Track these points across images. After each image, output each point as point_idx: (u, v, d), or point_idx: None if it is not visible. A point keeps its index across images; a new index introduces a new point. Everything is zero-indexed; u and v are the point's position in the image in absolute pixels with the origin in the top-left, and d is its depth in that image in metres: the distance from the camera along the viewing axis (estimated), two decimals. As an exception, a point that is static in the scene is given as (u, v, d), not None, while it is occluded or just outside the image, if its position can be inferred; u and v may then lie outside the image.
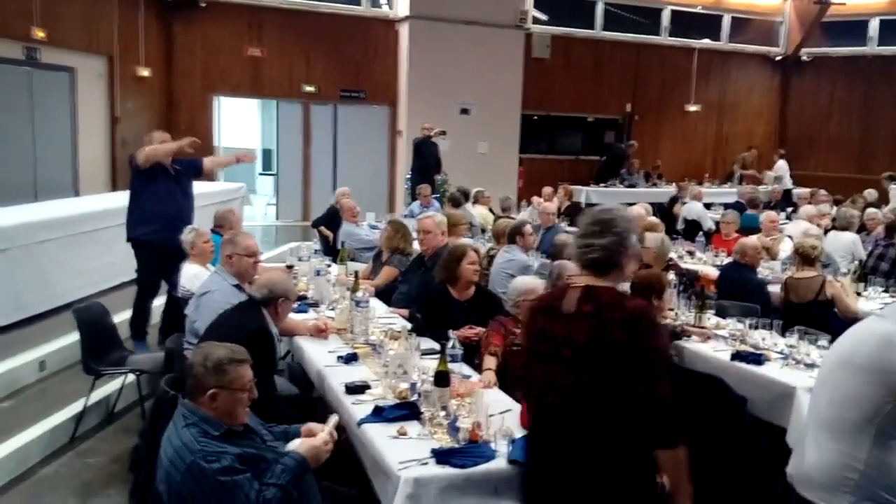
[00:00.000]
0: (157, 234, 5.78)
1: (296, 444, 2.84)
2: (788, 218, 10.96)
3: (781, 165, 15.33)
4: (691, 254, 7.96)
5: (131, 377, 5.12)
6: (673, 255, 7.04)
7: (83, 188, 11.01)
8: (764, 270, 7.00)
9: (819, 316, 5.33)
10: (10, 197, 8.11)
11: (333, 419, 3.02)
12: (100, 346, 4.98)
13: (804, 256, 5.73)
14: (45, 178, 10.32)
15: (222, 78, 13.82)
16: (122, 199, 8.85)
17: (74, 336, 5.10)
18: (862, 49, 16.88)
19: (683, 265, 7.00)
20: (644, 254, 6.07)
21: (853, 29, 16.96)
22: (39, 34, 9.82)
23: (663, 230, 7.33)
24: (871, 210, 9.36)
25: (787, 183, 14.92)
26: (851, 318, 4.88)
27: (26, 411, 4.97)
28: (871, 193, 12.20)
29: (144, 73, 12.44)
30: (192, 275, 5.20)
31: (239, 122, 17.25)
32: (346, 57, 14.30)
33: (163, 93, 13.38)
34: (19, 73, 10.05)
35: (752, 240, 6.53)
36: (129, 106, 12.20)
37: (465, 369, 3.93)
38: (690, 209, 11.46)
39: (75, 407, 5.00)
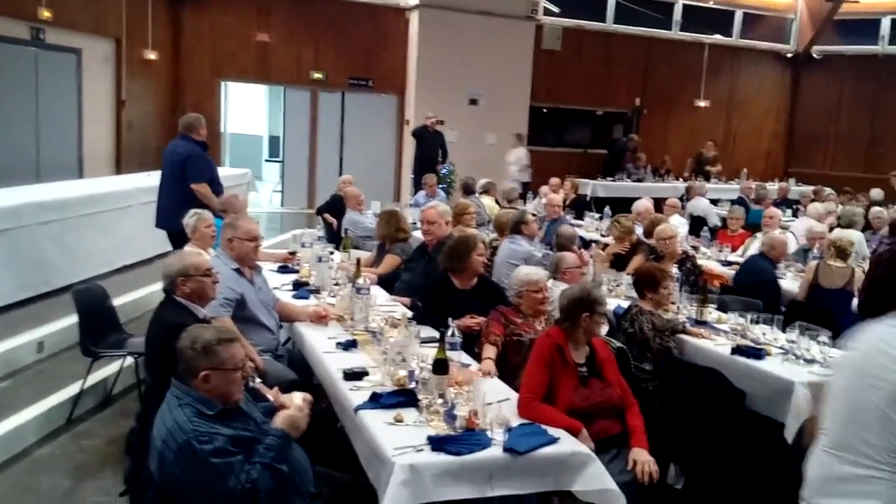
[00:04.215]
0: None
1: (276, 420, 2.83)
2: (795, 215, 10.91)
3: None
4: (696, 249, 7.93)
5: (129, 360, 5.10)
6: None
7: (87, 170, 11.00)
8: (766, 266, 7.00)
9: (841, 303, 5.71)
10: (13, 178, 8.10)
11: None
12: (99, 329, 4.96)
13: (840, 250, 6.05)
14: (49, 160, 10.30)
15: (230, 63, 13.78)
16: (126, 182, 8.93)
17: (73, 318, 5.08)
18: (873, 48, 16.74)
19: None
20: (669, 245, 6.13)
21: (865, 27, 16.83)
22: (46, 14, 9.78)
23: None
24: (876, 209, 9.32)
25: None
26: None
27: (23, 392, 4.96)
28: (877, 193, 12.14)
29: (151, 56, 12.40)
30: (192, 259, 5.17)
31: (246, 108, 17.22)
32: (355, 44, 14.25)
33: (169, 77, 13.36)
34: (25, 53, 10.03)
35: (781, 237, 6.80)
36: (136, 89, 12.18)
37: (465, 358, 3.92)
38: (696, 205, 11.40)
39: (72, 389, 4.99)
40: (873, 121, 16.79)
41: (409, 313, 4.65)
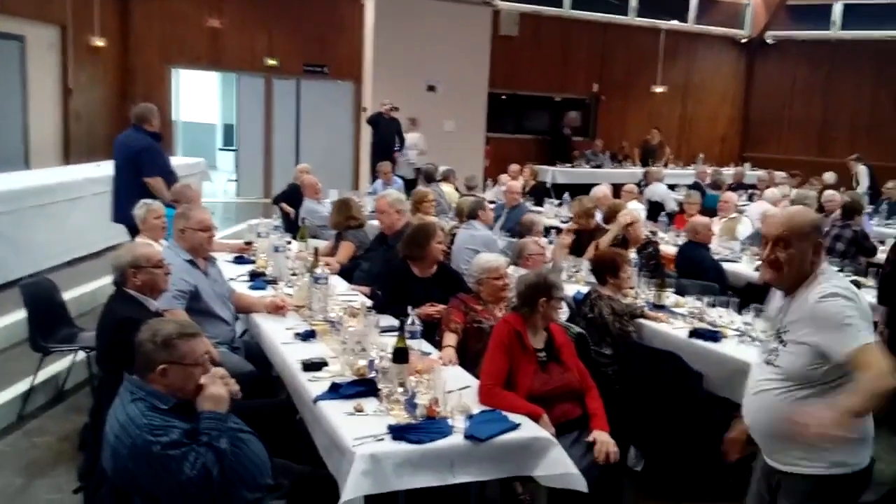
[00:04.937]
0: None
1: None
2: (750, 199, 11.08)
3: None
4: (654, 234, 7.99)
5: (81, 355, 4.98)
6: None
7: (34, 161, 10.69)
8: (724, 250, 7.11)
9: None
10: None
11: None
12: (48, 323, 4.84)
13: None
14: (-7, 151, 10.01)
15: (181, 50, 13.50)
16: (75, 172, 8.71)
17: (22, 313, 4.94)
18: (825, 33, 17.01)
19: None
20: (633, 230, 6.17)
21: (817, 13, 17.08)
22: (-13, 1, 9.48)
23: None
24: (828, 192, 9.48)
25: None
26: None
27: (-29, 389, 4.82)
28: (830, 176, 12.39)
29: (99, 43, 12.08)
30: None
31: (198, 95, 16.94)
32: (309, 30, 14.06)
33: (118, 64, 13.02)
34: (-35, 41, 9.72)
35: (703, 219, 6.75)
36: (83, 77, 11.86)
37: (425, 346, 3.90)
38: (654, 190, 11.51)
39: (22, 385, 4.86)
40: (826, 105, 17.09)
41: (369, 302, 4.61)
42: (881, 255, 7.06)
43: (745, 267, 6.70)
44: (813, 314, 2.47)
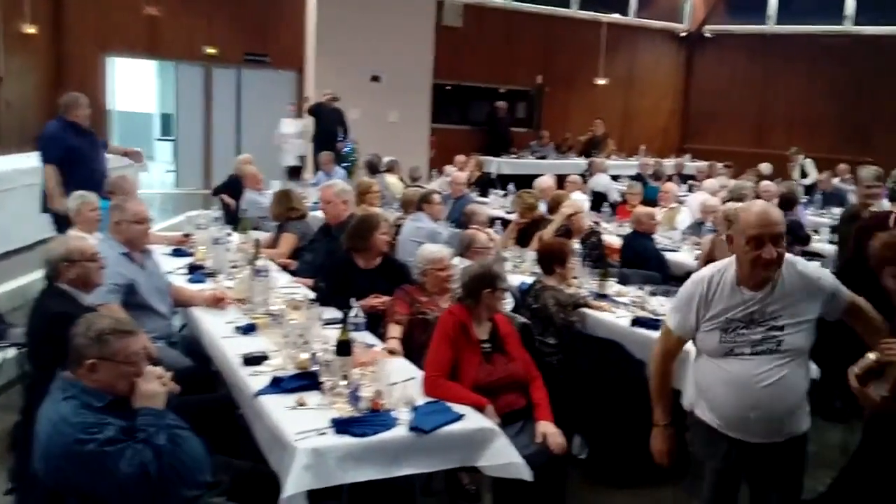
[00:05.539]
0: None
1: None
2: (690, 190, 11.28)
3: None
4: (597, 224, 8.07)
5: (12, 352, 4.80)
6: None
7: (-37, 152, 10.27)
8: (664, 240, 7.22)
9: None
10: None
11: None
12: (-24, 319, 4.66)
13: (731, 223, 5.91)
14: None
15: (116, 38, 13.10)
16: (5, 163, 8.40)
17: (-52, 308, 4.74)
18: (761, 27, 17.39)
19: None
20: (576, 221, 6.21)
21: (753, 7, 17.44)
22: None
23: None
24: (764, 183, 9.70)
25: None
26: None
27: None
28: (765, 167, 12.69)
29: (31, 30, 11.62)
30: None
31: (135, 84, 16.52)
32: (250, 19, 13.81)
33: (51, 52, 12.58)
34: None
35: (647, 209, 6.87)
36: (14, 66, 11.40)
37: (369, 338, 3.87)
38: (598, 181, 11.63)
39: (-52, 384, 4.67)
40: (762, 98, 17.47)
41: (311, 295, 4.55)
42: (815, 245, 7.28)
43: (686, 256, 6.81)
44: (807, 284, 2.67)
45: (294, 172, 12.55)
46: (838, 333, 2.88)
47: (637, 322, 4.51)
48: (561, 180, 10.00)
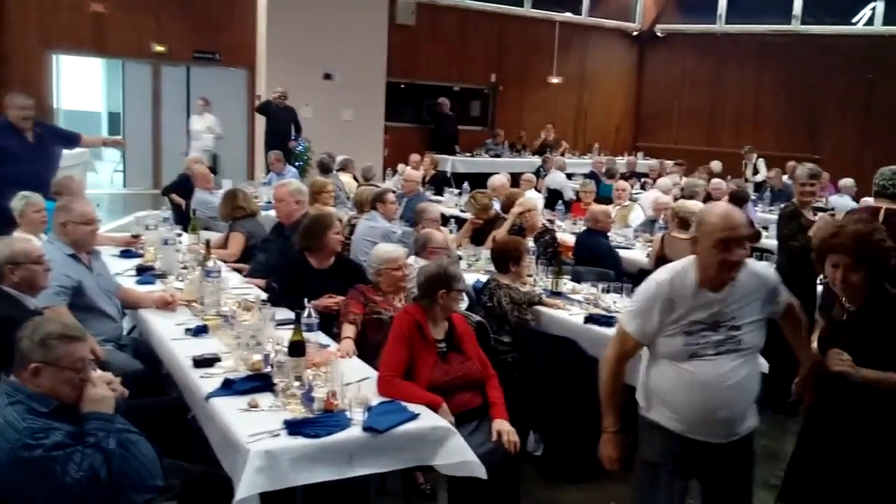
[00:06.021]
0: None
1: None
2: (643, 188, 11.43)
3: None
4: (552, 222, 8.14)
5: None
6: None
7: None
8: (618, 237, 7.30)
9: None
10: None
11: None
12: None
13: (682, 220, 5.97)
14: None
15: (61, 35, 12.77)
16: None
17: None
18: (711, 27, 17.64)
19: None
20: (529, 218, 6.23)
21: (704, 6, 17.68)
22: None
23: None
24: (715, 180, 9.89)
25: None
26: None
27: None
28: (716, 165, 12.93)
29: (-29, 26, 11.34)
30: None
31: (81, 82, 16.15)
32: (200, 16, 13.60)
33: (-7, 50, 12.26)
34: None
35: (603, 207, 6.91)
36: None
37: (323, 338, 3.83)
38: (553, 179, 11.73)
39: None
40: (713, 96, 17.75)
41: (264, 295, 4.50)
42: (765, 241, 7.42)
43: (639, 253, 6.91)
44: (759, 283, 2.74)
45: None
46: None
47: (591, 319, 4.54)
48: (516, 178, 10.05)
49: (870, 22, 15.91)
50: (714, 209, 2.78)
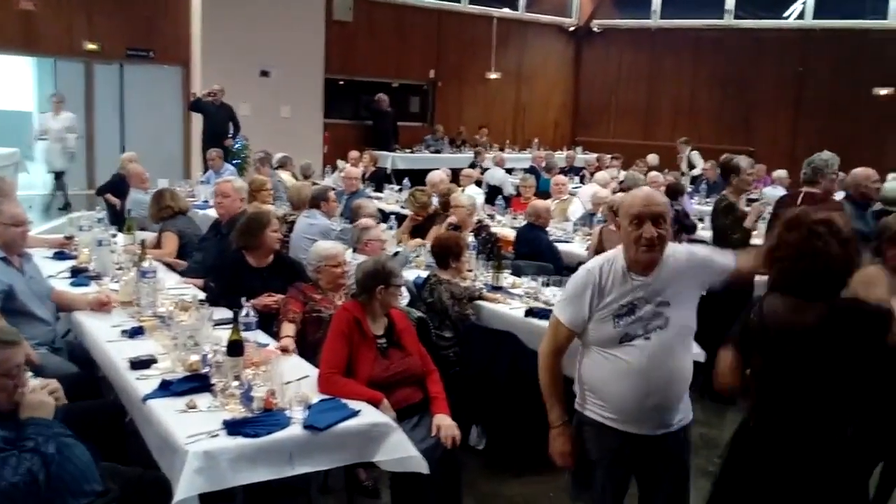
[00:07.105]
0: None
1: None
2: (582, 182, 11.59)
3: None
4: (492, 217, 8.21)
5: None
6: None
7: None
8: (557, 231, 7.40)
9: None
10: None
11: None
12: None
13: (616, 213, 6.08)
14: None
15: (-12, 32, 12.38)
16: None
17: None
18: (647, 22, 17.94)
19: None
20: (457, 213, 6.25)
21: (639, 2, 17.94)
22: None
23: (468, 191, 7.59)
24: (652, 173, 10.09)
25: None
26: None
27: None
28: (653, 158, 13.18)
29: None
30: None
31: (11, 81, 15.63)
32: (133, 12, 13.26)
33: (-85, 48, 11.79)
34: None
35: (544, 202, 7.01)
36: None
37: (262, 337, 3.82)
38: (493, 174, 11.81)
39: None
40: (649, 91, 18.04)
41: (201, 295, 4.45)
42: (701, 233, 7.60)
43: (578, 247, 7.02)
44: (688, 262, 2.79)
45: (60, 178, 11.67)
46: (723, 315, 2.99)
47: (531, 313, 4.61)
48: (456, 174, 10.10)
49: (801, 16, 16.35)
50: (635, 192, 2.84)
